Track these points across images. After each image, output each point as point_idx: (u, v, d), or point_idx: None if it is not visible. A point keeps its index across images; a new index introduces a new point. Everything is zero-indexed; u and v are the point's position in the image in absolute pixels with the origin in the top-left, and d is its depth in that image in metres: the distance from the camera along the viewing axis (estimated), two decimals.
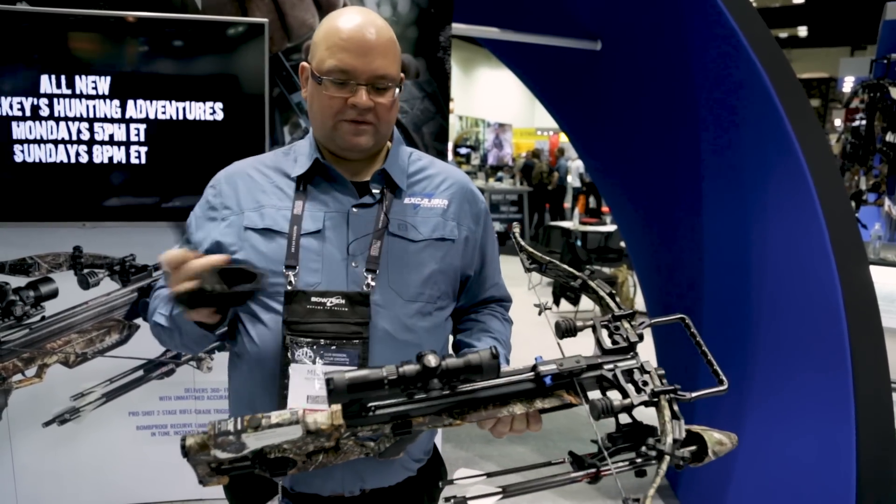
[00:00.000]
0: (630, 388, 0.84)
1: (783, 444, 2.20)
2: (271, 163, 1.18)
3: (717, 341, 2.60)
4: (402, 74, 1.12)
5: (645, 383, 0.84)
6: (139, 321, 2.57)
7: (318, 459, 0.88)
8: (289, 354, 1.03)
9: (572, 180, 12.31)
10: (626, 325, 0.90)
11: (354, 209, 1.11)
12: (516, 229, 1.13)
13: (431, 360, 0.80)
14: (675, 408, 0.81)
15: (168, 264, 0.95)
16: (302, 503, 1.11)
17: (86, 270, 2.49)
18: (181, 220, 2.22)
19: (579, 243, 6.52)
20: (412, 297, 1.10)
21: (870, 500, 1.90)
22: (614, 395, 0.83)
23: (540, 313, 0.97)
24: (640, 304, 5.79)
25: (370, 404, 0.83)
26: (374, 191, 1.14)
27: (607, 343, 0.88)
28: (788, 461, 2.17)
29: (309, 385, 1.02)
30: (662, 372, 0.85)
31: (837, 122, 10.54)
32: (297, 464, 0.87)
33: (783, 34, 16.83)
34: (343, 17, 1.08)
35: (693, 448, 0.81)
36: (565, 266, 1.00)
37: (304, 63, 1.12)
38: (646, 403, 0.82)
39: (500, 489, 0.78)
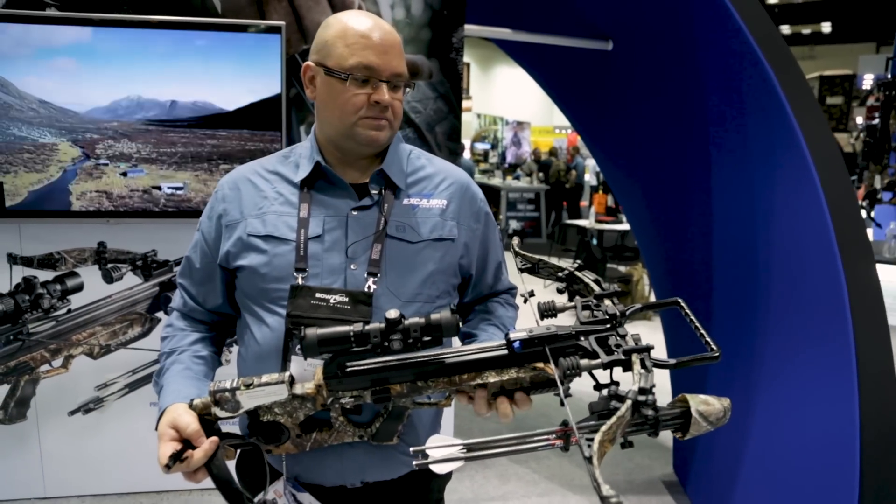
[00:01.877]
0: (601, 350, 0.85)
1: (790, 440, 2.22)
2: (272, 167, 1.19)
3: (726, 337, 2.63)
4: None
5: (619, 346, 0.85)
6: (160, 314, 2.66)
7: (311, 437, 0.95)
8: (290, 346, 1.07)
9: (589, 178, 12.26)
10: (608, 301, 0.92)
11: (353, 212, 1.13)
12: (515, 241, 1.17)
13: (392, 314, 0.88)
14: (648, 364, 0.81)
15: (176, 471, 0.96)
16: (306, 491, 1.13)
17: (110, 265, 2.58)
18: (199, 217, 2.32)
19: (595, 241, 6.53)
20: (410, 298, 1.12)
21: (871, 496, 1.92)
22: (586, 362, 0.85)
23: (525, 301, 1.00)
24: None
25: (346, 364, 0.91)
26: (372, 192, 1.15)
27: (584, 317, 0.91)
28: (795, 456, 2.19)
29: (308, 377, 1.08)
30: (647, 344, 0.84)
31: (860, 120, 10.40)
32: (291, 435, 0.94)
33: (806, 30, 16.62)
34: (354, 18, 1.10)
35: (652, 396, 0.78)
36: (553, 262, 1.04)
37: (309, 63, 1.13)
38: (616, 363, 0.83)
39: (462, 444, 0.78)
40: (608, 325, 0.88)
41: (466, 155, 12.36)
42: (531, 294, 1.02)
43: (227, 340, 1.28)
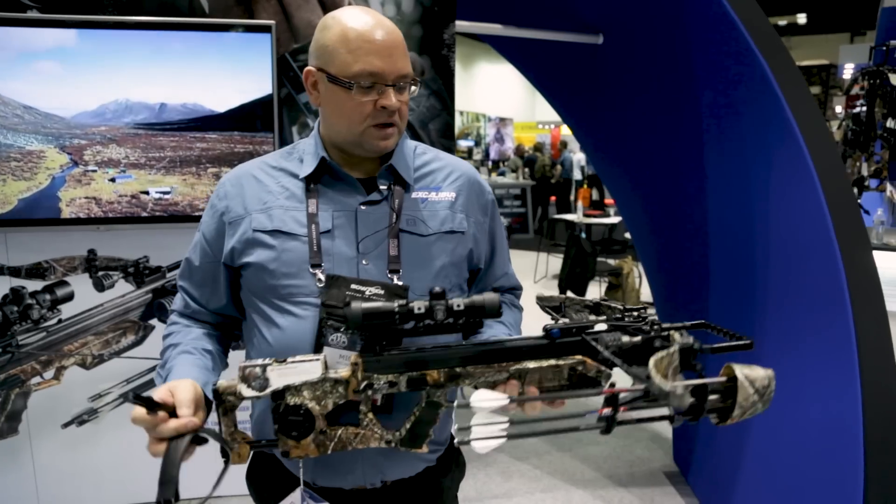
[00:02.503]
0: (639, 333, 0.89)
1: (793, 427, 2.23)
2: (275, 163, 1.17)
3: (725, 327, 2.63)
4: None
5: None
6: (154, 322, 2.61)
7: (336, 434, 0.92)
8: (323, 335, 1.04)
9: (575, 173, 12.32)
10: (635, 313, 0.93)
11: (362, 207, 1.11)
12: (535, 298, 1.15)
13: (437, 289, 0.90)
14: (687, 335, 0.86)
15: (137, 423, 0.91)
16: (324, 497, 1.12)
17: (100, 273, 2.53)
18: (192, 221, 2.28)
19: (584, 235, 6.54)
20: (423, 292, 1.10)
21: (876, 488, 1.92)
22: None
23: (556, 321, 0.99)
24: (645, 294, 5.83)
25: (384, 344, 0.92)
26: (381, 187, 1.13)
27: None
28: (798, 443, 2.20)
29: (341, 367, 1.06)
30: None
31: (838, 109, 10.52)
32: (316, 424, 0.91)
33: (782, 22, 16.78)
34: (353, 18, 1.06)
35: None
36: (578, 297, 1.04)
37: (310, 68, 1.10)
38: (656, 338, 0.86)
39: (507, 399, 0.83)
40: (641, 317, 0.91)
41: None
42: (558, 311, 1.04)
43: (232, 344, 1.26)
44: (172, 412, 0.90)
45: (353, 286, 1.05)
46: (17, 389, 2.52)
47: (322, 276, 1.06)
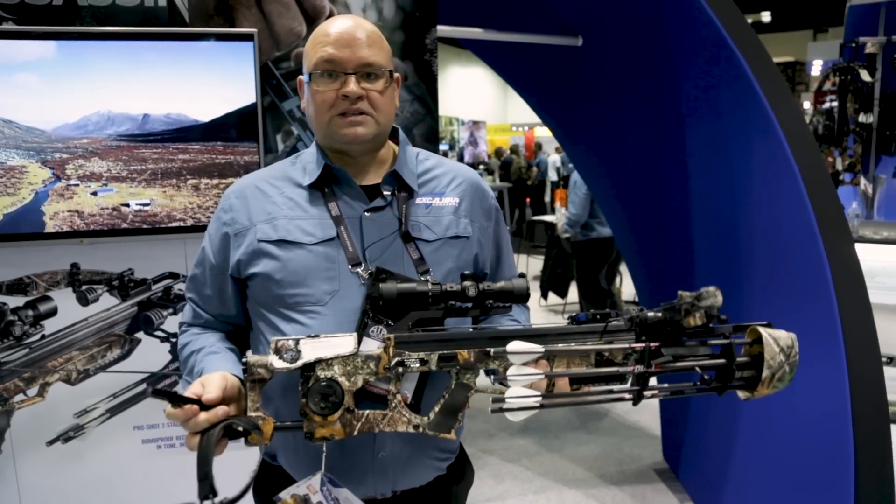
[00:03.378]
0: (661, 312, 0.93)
1: (781, 420, 2.27)
2: (279, 174, 1.18)
3: None
4: (397, 74, 1.14)
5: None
6: (140, 335, 2.57)
7: (364, 414, 0.92)
8: (366, 325, 1.05)
9: (551, 174, 12.41)
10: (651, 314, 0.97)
11: (367, 213, 1.12)
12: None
13: (467, 271, 0.97)
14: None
15: (171, 418, 0.95)
16: None
17: (84, 287, 2.49)
18: (177, 233, 2.25)
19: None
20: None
21: (867, 481, 1.96)
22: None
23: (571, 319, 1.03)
24: (626, 293, 5.88)
25: (414, 324, 0.95)
26: (385, 193, 1.14)
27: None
28: (788, 436, 2.24)
29: None
30: None
31: (806, 105, 10.74)
32: (345, 400, 0.92)
33: (749, 20, 17.13)
34: (329, 22, 1.11)
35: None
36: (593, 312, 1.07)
37: (300, 77, 1.14)
38: (678, 310, 0.89)
39: (542, 349, 0.89)
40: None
41: None
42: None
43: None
44: (202, 406, 0.91)
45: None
46: None
47: (364, 274, 1.07)
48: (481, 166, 14.52)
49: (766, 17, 16.96)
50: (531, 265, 7.35)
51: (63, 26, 2.22)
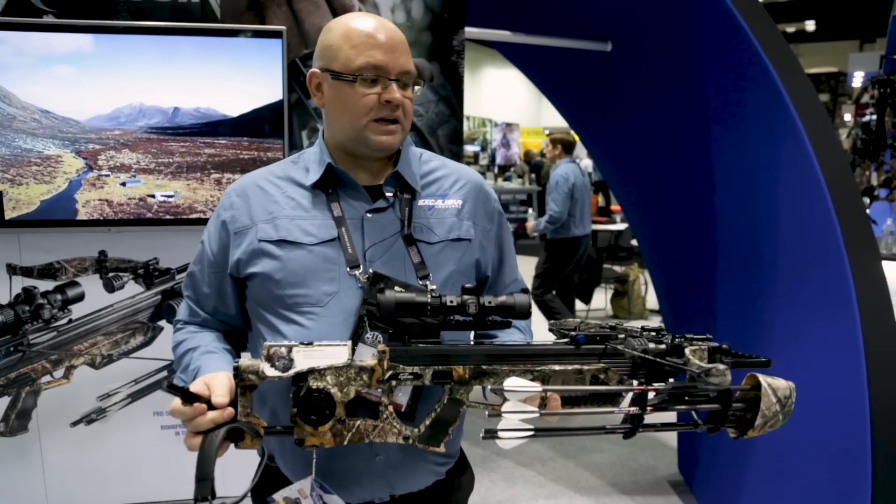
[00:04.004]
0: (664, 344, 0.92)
1: (798, 435, 2.23)
2: (281, 173, 1.17)
3: (732, 339, 2.63)
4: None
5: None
6: (163, 323, 2.63)
7: (354, 424, 0.92)
8: (361, 331, 1.04)
9: None
10: (653, 333, 0.97)
11: (369, 214, 1.11)
12: (551, 322, 1.16)
13: (469, 285, 0.95)
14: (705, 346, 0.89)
15: (176, 415, 0.93)
16: None
17: (111, 274, 2.55)
18: (200, 224, 2.29)
19: (589, 242, 6.53)
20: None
21: (884, 493, 1.92)
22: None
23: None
24: (651, 302, 5.82)
25: (410, 340, 0.93)
26: (387, 194, 1.13)
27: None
28: (804, 452, 2.20)
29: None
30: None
31: (847, 118, 10.49)
32: (336, 411, 0.91)
33: (791, 28, 16.76)
34: (356, 19, 1.09)
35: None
36: (594, 321, 1.06)
37: (315, 70, 1.11)
38: (680, 346, 0.89)
39: (540, 388, 0.89)
40: (661, 334, 0.94)
41: None
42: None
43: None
44: (208, 406, 0.90)
45: (397, 288, 1.04)
46: (27, 388, 2.55)
47: (362, 277, 1.06)
48: (511, 169, 14.48)
49: (810, 25, 16.60)
50: None
51: (99, 20, 2.28)
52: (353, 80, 1.06)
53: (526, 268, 7.84)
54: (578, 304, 5.94)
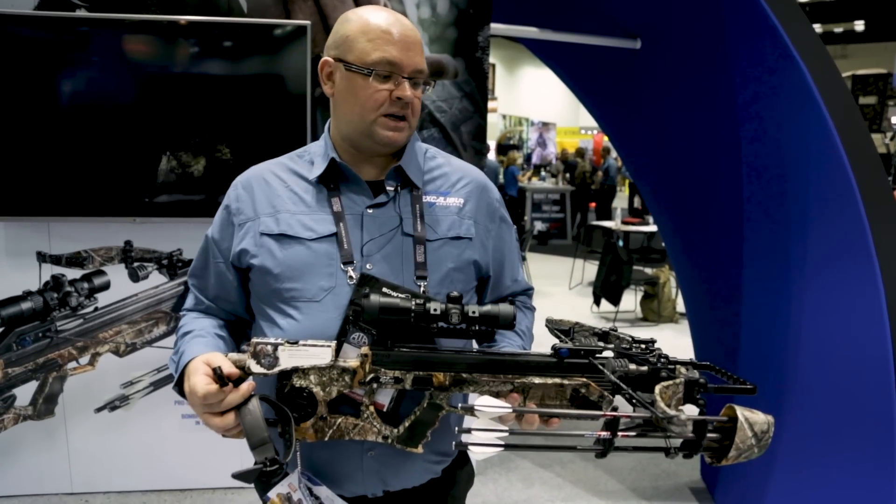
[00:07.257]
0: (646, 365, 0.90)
1: (825, 455, 2.16)
2: (286, 166, 1.17)
3: (756, 347, 2.56)
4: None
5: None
6: None
7: (336, 422, 0.94)
8: (346, 332, 1.04)
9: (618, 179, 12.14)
10: (643, 345, 0.95)
11: (369, 210, 1.10)
12: (545, 320, 1.15)
13: (454, 293, 0.94)
14: (690, 370, 0.88)
15: (209, 398, 0.93)
16: None
17: (136, 264, 2.61)
18: None
19: (621, 243, 6.45)
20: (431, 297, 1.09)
21: None
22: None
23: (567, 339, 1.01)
24: (681, 305, 5.71)
25: (396, 343, 0.94)
26: (388, 188, 1.12)
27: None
28: (830, 462, 2.13)
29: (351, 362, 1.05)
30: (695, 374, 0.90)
31: (894, 120, 10.14)
32: (318, 410, 0.93)
33: (839, 29, 16.30)
34: (374, 14, 1.08)
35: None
36: (588, 325, 1.05)
37: (328, 58, 1.11)
38: (663, 370, 0.88)
39: (510, 408, 0.88)
40: (649, 350, 0.94)
41: (491, 156, 12.27)
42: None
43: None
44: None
45: (385, 290, 1.04)
46: (54, 373, 2.61)
47: (353, 274, 1.06)
48: (545, 168, 14.38)
49: (859, 25, 16.12)
50: (587, 270, 7.24)
51: (129, 14, 2.32)
52: (368, 73, 1.05)
53: (559, 268, 7.79)
54: (606, 306, 5.86)
